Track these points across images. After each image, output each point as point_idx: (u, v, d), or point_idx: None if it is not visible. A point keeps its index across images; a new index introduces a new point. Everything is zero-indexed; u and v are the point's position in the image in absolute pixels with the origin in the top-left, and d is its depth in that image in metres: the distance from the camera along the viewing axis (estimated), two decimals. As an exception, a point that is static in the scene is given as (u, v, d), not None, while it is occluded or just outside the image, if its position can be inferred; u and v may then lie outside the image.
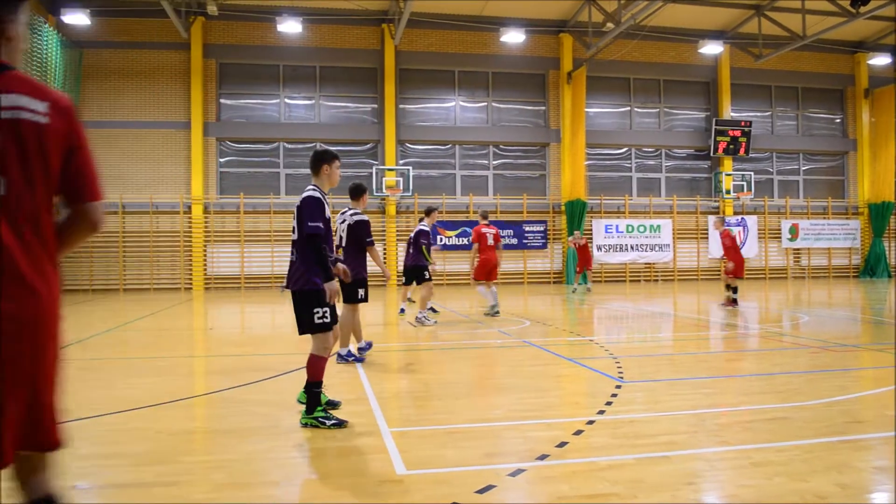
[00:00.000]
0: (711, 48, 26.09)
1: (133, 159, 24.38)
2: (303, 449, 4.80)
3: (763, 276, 28.59)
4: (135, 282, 24.20)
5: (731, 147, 27.94)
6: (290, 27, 23.69)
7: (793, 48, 25.91)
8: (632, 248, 27.44)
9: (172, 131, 24.68)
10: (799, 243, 29.09)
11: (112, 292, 23.46)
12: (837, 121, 30.44)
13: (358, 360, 8.18)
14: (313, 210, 5.36)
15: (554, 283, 26.77)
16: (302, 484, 4.11)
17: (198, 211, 24.43)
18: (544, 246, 26.77)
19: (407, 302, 15.06)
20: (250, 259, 24.76)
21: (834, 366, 7.90)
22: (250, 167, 25.43)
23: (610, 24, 23.07)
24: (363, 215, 8.26)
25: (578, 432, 4.97)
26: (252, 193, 24.90)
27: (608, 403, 5.88)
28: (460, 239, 25.43)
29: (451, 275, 25.45)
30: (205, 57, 24.72)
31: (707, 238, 28.21)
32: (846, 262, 29.86)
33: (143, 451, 4.69)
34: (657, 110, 28.47)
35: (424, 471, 4.18)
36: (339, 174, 5.76)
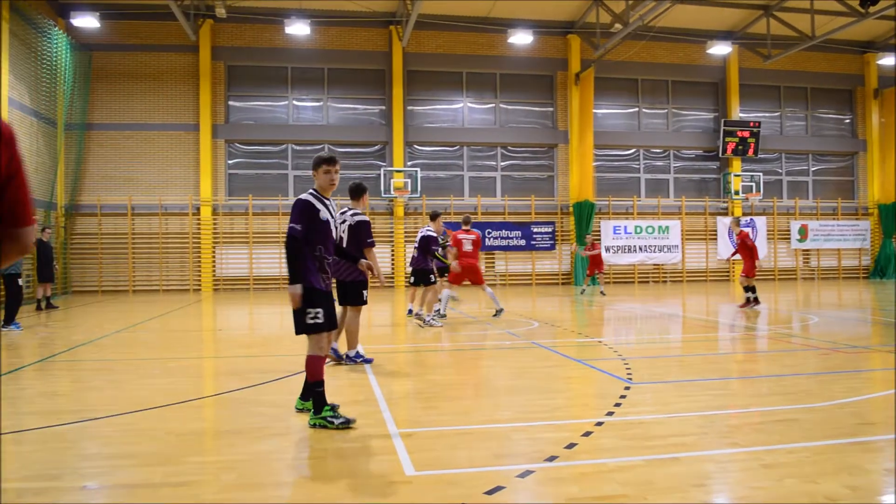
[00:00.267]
0: (720, 49, 26.02)
1: (142, 161, 24.50)
2: (312, 450, 4.81)
3: (772, 277, 28.48)
4: (144, 283, 24.30)
5: (739, 148, 27.85)
6: (298, 29, 23.76)
7: (802, 48, 25.82)
8: (640, 249, 27.38)
9: (181, 133, 24.77)
10: (808, 244, 28.96)
11: (121, 293, 23.56)
12: (847, 121, 30.31)
13: (366, 360, 8.13)
14: (297, 212, 5.45)
15: (562, 284, 26.73)
16: (311, 485, 4.12)
17: (206, 213, 24.51)
18: (552, 247, 26.73)
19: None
20: (259, 261, 24.82)
21: (844, 367, 7.86)
22: (259, 169, 25.50)
23: (618, 25, 23.06)
24: (364, 216, 8.06)
25: (587, 433, 4.96)
26: (260, 195, 24.96)
27: (617, 405, 5.87)
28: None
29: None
30: (213, 59, 24.81)
31: (716, 239, 28.13)
32: (856, 263, 29.71)
33: (152, 452, 4.71)
34: (665, 111, 28.41)
35: (433, 472, 4.19)
36: (332, 178, 5.66)
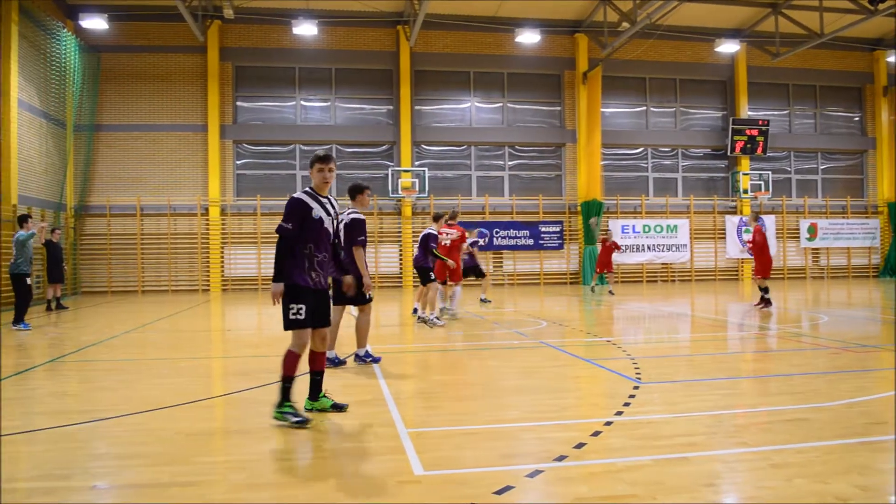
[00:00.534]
0: (728, 47, 25.92)
1: (150, 162, 24.60)
2: (321, 450, 4.82)
3: (781, 276, 28.35)
4: (153, 283, 24.39)
5: (748, 146, 27.75)
6: (305, 30, 23.79)
7: (810, 46, 25.68)
8: (648, 248, 27.32)
9: (189, 134, 24.86)
10: (817, 243, 28.83)
11: (131, 294, 23.65)
12: (856, 119, 30.15)
13: (374, 360, 8.12)
14: (289, 210, 5.50)
15: (570, 283, 26.69)
16: (319, 485, 4.12)
17: (215, 213, 24.58)
18: (560, 246, 26.70)
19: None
20: (267, 261, 24.86)
21: (853, 367, 7.82)
22: (267, 169, 25.56)
23: (625, 24, 22.99)
24: (359, 214, 7.95)
25: (596, 433, 4.96)
26: (268, 195, 25.01)
27: (626, 404, 5.86)
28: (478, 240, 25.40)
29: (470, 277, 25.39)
30: (221, 60, 24.88)
31: (724, 238, 28.04)
32: (865, 261, 29.56)
33: (161, 452, 4.72)
34: (673, 110, 28.32)
35: (442, 471, 4.19)
36: (326, 176, 5.68)
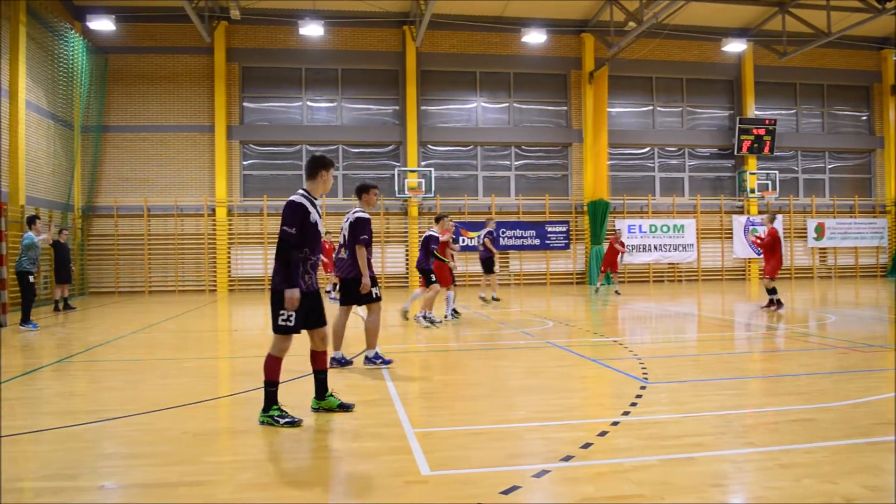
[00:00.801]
0: (735, 46, 25.84)
1: (158, 163, 24.68)
2: (328, 450, 4.83)
3: (789, 276, 28.25)
4: (160, 284, 24.47)
5: (755, 146, 27.67)
6: (311, 30, 23.81)
7: (817, 45, 25.57)
8: (655, 248, 27.26)
9: (196, 135, 24.93)
10: (825, 243, 28.72)
11: (138, 294, 23.73)
12: (864, 118, 30.03)
13: (385, 362, 8.05)
14: (291, 214, 5.49)
15: (577, 283, 26.66)
16: (327, 484, 4.13)
17: (221, 213, 24.64)
18: (567, 246, 26.67)
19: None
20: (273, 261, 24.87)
21: (861, 367, 7.79)
22: (273, 170, 25.60)
23: (632, 24, 22.95)
24: (364, 213, 7.89)
25: (603, 433, 4.95)
26: (275, 196, 25.04)
27: (633, 404, 5.85)
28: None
29: (473, 276, 25.41)
30: (228, 61, 24.94)
31: (731, 238, 27.96)
32: (873, 261, 29.42)
33: (169, 452, 4.74)
34: (680, 109, 28.26)
35: (449, 471, 4.19)
36: (329, 182, 5.83)
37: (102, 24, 22.50)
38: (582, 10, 25.93)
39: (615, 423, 5.23)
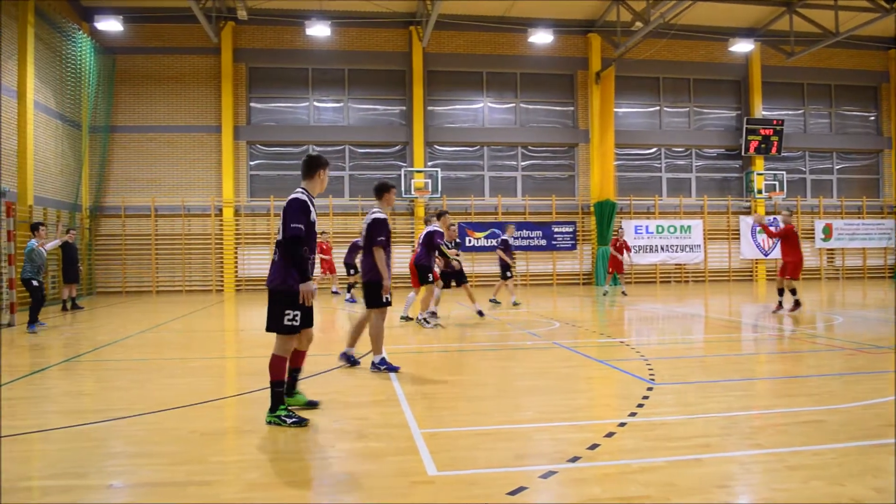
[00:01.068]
0: (742, 46, 25.77)
1: (165, 163, 24.74)
2: (334, 449, 4.83)
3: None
4: (167, 284, 24.53)
5: (762, 146, 27.58)
6: (318, 31, 23.85)
7: (825, 45, 25.50)
8: (662, 248, 27.20)
9: (203, 135, 24.99)
10: (833, 243, 28.60)
11: (145, 294, 23.80)
12: (872, 118, 29.90)
13: (391, 368, 7.68)
14: (297, 212, 5.49)
15: (583, 284, 26.62)
16: (334, 484, 4.14)
17: (229, 214, 24.70)
18: (573, 247, 26.64)
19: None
20: (280, 261, 24.90)
21: (868, 368, 7.76)
22: (280, 170, 25.64)
23: (639, 24, 22.92)
24: (382, 214, 7.79)
25: (610, 434, 4.95)
26: (282, 196, 25.01)
27: (639, 406, 5.84)
28: (489, 241, 25.45)
29: (479, 276, 25.41)
30: (235, 61, 25.00)
31: (738, 239, 27.88)
32: (881, 262, 29.29)
33: (176, 451, 4.76)
34: (687, 109, 28.20)
35: (456, 472, 4.19)
36: (324, 181, 5.87)
37: (110, 25, 22.58)
38: (588, 10, 25.89)
39: (622, 424, 5.22)
